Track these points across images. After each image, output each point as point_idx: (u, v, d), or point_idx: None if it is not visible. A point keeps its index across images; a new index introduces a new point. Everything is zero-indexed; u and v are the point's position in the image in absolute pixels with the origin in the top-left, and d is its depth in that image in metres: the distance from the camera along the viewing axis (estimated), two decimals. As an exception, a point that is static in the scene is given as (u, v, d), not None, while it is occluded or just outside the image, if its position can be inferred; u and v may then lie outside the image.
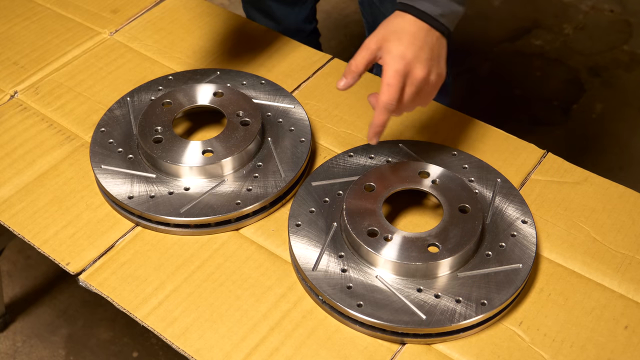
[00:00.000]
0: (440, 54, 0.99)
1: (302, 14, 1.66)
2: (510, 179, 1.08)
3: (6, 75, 1.30)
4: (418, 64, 0.96)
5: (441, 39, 0.99)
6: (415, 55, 0.96)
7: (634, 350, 0.91)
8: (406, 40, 0.96)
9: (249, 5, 1.64)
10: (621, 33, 2.53)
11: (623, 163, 2.12)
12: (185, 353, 0.92)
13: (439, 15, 0.98)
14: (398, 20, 0.98)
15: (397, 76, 0.96)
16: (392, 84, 0.96)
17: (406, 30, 0.97)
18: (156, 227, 1.05)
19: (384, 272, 0.96)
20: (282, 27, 1.62)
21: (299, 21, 1.67)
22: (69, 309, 1.83)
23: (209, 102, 1.16)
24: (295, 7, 1.63)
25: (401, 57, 0.96)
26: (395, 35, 0.97)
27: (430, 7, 0.97)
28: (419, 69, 0.96)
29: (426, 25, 0.98)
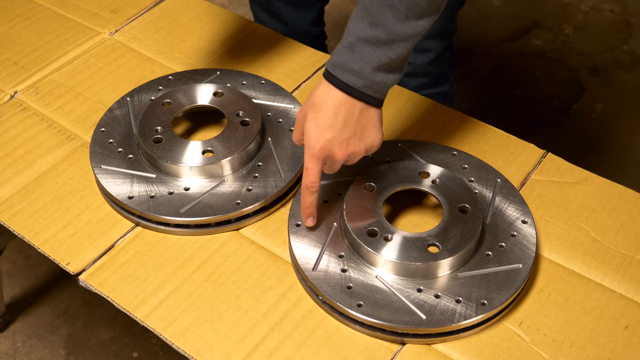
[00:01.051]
0: (365, 126, 0.92)
1: (310, 16, 1.66)
2: (510, 179, 1.08)
3: (6, 75, 1.30)
4: (336, 146, 0.91)
5: (366, 110, 0.92)
6: (333, 137, 0.91)
7: (634, 350, 0.91)
8: (324, 118, 0.90)
9: (257, 6, 1.64)
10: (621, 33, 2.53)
11: (623, 163, 2.12)
12: (185, 353, 0.92)
13: (362, 87, 0.90)
14: (320, 92, 0.91)
15: (314, 160, 0.92)
16: (310, 168, 0.93)
17: (326, 104, 0.90)
18: (156, 227, 1.05)
19: (384, 272, 0.96)
20: (290, 29, 1.62)
21: (307, 23, 1.66)
22: (69, 309, 1.83)
23: (209, 102, 1.16)
24: (303, 10, 1.63)
25: (317, 139, 0.91)
26: (314, 110, 0.91)
27: (352, 79, 0.89)
28: (338, 151, 0.92)
29: (349, 97, 0.90)
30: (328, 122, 0.90)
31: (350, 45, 0.89)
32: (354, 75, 0.89)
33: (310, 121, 0.91)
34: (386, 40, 0.87)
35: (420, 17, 0.87)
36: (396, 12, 0.86)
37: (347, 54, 0.89)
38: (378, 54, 0.88)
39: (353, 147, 0.93)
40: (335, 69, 0.90)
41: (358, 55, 0.88)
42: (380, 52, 0.88)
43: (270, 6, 1.60)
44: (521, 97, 2.32)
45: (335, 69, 0.90)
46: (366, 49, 0.88)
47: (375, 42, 0.87)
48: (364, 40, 0.88)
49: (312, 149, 0.92)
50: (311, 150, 0.92)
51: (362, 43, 0.88)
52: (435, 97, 1.62)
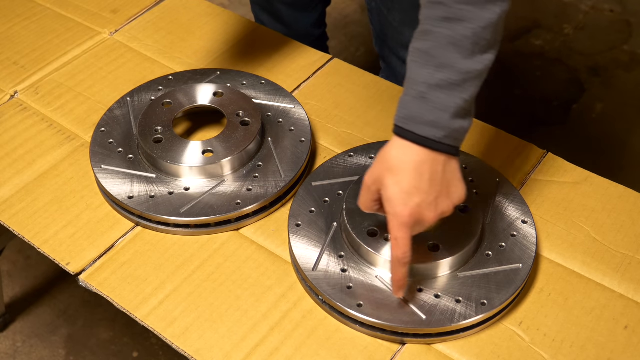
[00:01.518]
0: (451, 181, 0.85)
1: (312, 18, 1.66)
2: (510, 179, 1.08)
3: (6, 75, 1.30)
4: (425, 209, 0.83)
5: (449, 162, 0.84)
6: (421, 200, 0.82)
7: (634, 350, 0.91)
8: (408, 180, 0.82)
9: (258, 8, 1.64)
10: (621, 33, 2.53)
11: (623, 163, 2.12)
12: (185, 353, 0.92)
13: (442, 137, 0.82)
14: (394, 152, 0.83)
15: (404, 229, 0.83)
16: (400, 238, 0.84)
17: (406, 165, 0.82)
18: (156, 227, 1.05)
19: (384, 272, 0.96)
20: (291, 32, 1.62)
21: (309, 25, 1.66)
22: (69, 309, 1.83)
23: (209, 102, 1.16)
24: (305, 12, 1.63)
25: (404, 206, 0.82)
26: (391, 173, 0.83)
27: (431, 131, 0.81)
28: (428, 214, 0.83)
29: (430, 152, 0.82)
30: (413, 184, 0.82)
31: (421, 94, 0.82)
32: (432, 127, 0.81)
33: (391, 187, 0.83)
34: (458, 82, 0.81)
35: (486, 50, 0.81)
36: (462, 50, 0.80)
37: (420, 104, 0.82)
38: (453, 98, 0.81)
39: (442, 206, 0.84)
40: (409, 123, 0.82)
41: (432, 103, 0.81)
42: (454, 95, 0.81)
43: (272, 8, 1.60)
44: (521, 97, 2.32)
45: (408, 123, 0.82)
46: (439, 95, 0.81)
47: (448, 85, 0.81)
48: (435, 86, 0.81)
49: (400, 217, 0.83)
50: (400, 219, 0.83)
51: (434, 89, 0.81)
52: None
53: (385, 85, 1.26)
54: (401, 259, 0.85)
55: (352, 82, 1.26)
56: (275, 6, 1.59)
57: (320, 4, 1.66)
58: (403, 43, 1.49)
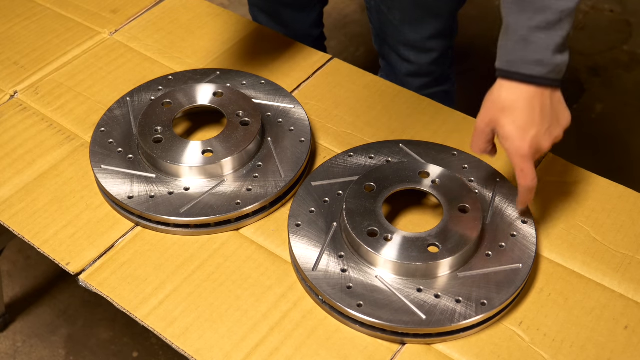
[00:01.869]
0: (558, 109, 0.94)
1: (310, 18, 1.66)
2: (510, 179, 1.08)
3: (6, 75, 1.30)
4: (542, 139, 0.92)
5: (554, 94, 0.93)
6: (537, 132, 0.91)
7: (634, 350, 0.91)
8: (522, 117, 0.91)
9: (256, 9, 1.64)
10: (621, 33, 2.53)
11: (623, 163, 2.12)
12: (185, 353, 0.92)
13: (547, 73, 0.90)
14: (503, 93, 0.92)
15: (527, 160, 0.92)
16: (526, 168, 0.93)
17: (519, 103, 0.91)
18: (156, 227, 1.05)
19: (384, 272, 0.96)
20: (290, 32, 1.62)
21: (307, 26, 1.66)
22: (69, 309, 1.83)
23: (209, 102, 1.16)
24: (303, 12, 1.63)
25: (523, 140, 0.91)
26: (505, 113, 0.91)
27: (536, 69, 0.90)
28: (544, 142, 0.93)
29: (538, 88, 0.91)
30: (527, 120, 0.91)
31: (524, 38, 0.89)
32: (537, 65, 0.90)
33: (507, 125, 0.91)
34: (555, 21, 0.88)
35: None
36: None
37: (523, 47, 0.90)
38: (553, 36, 0.89)
39: (554, 133, 0.94)
40: (515, 65, 0.90)
41: (535, 45, 0.89)
42: (554, 34, 0.89)
43: (270, 9, 1.60)
44: (521, 97, 2.32)
45: (514, 65, 0.90)
46: (541, 35, 0.89)
47: (547, 25, 0.88)
48: (535, 28, 0.89)
49: (521, 150, 0.91)
50: (521, 151, 0.92)
51: (535, 31, 0.89)
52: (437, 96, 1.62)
53: (385, 85, 1.26)
54: (531, 186, 0.95)
55: (352, 82, 1.26)
56: (273, 7, 1.59)
57: (318, 4, 1.66)
58: (403, 41, 1.49)
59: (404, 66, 1.55)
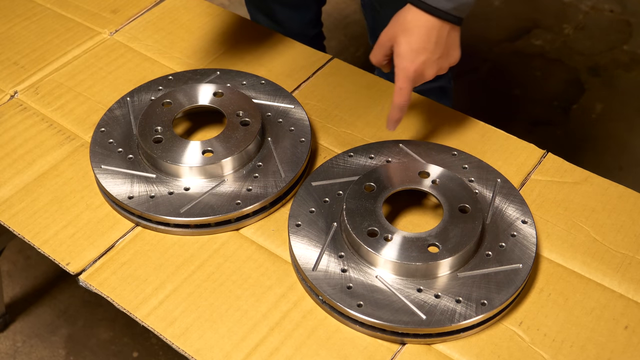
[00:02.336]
0: (451, 46, 1.01)
1: (307, 17, 1.66)
2: (510, 179, 1.08)
3: (6, 75, 1.30)
4: (429, 67, 0.99)
5: (453, 30, 1.00)
6: (426, 58, 0.98)
7: (634, 350, 0.91)
8: (416, 40, 0.97)
9: (253, 7, 1.64)
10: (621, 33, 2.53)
11: (623, 163, 2.12)
12: (185, 353, 0.92)
13: (451, 9, 0.97)
14: (409, 16, 0.98)
15: (408, 81, 0.99)
16: (403, 88, 1.00)
17: (416, 27, 0.97)
18: (156, 227, 1.05)
19: (384, 272, 0.96)
20: (286, 31, 1.62)
21: (303, 25, 1.66)
22: (69, 309, 1.83)
23: (209, 102, 1.16)
24: (299, 11, 1.63)
25: (411, 61, 0.98)
26: (404, 34, 0.98)
27: (442, 2, 0.97)
28: (430, 70, 0.99)
29: (437, 20, 0.98)
30: (422, 45, 0.97)
31: None
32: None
33: (403, 45, 0.98)
34: None
35: None
36: None
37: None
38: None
39: (441, 65, 1.01)
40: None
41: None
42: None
43: (266, 7, 1.60)
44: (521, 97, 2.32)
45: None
46: None
47: None
48: None
49: (406, 70, 0.98)
50: (406, 72, 0.99)
51: None
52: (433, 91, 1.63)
53: (385, 85, 1.26)
54: (402, 106, 1.02)
55: (352, 82, 1.26)
56: (269, 5, 1.59)
57: (315, 3, 1.65)
58: None
59: None
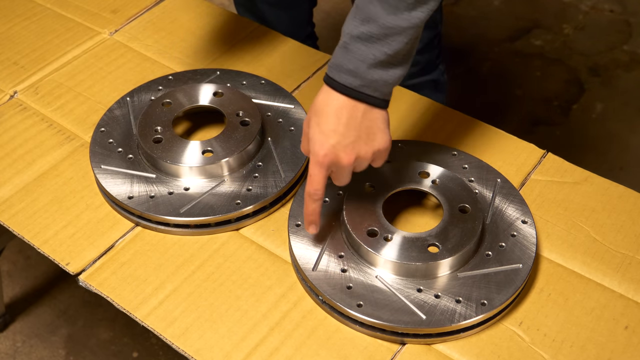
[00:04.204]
0: (370, 129, 0.89)
1: (297, 18, 1.65)
2: (510, 179, 1.08)
3: (6, 75, 1.30)
4: (341, 151, 0.88)
5: (370, 111, 0.88)
6: (337, 142, 0.87)
7: (634, 350, 0.91)
8: (327, 123, 0.87)
9: (242, 9, 1.63)
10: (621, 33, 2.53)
11: (623, 163, 2.12)
12: (185, 353, 0.92)
13: (359, 86, 0.86)
14: (321, 97, 0.89)
15: (318, 167, 0.89)
16: (314, 175, 0.90)
17: (328, 108, 0.87)
18: (156, 227, 1.05)
19: (384, 272, 0.96)
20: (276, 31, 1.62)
21: (293, 25, 1.65)
22: (69, 309, 1.83)
23: (209, 102, 1.16)
24: (288, 11, 1.62)
25: (321, 145, 0.88)
26: (316, 116, 0.89)
27: (349, 79, 0.86)
28: (343, 155, 0.88)
29: (349, 99, 0.87)
30: (331, 127, 0.87)
31: (345, 45, 0.86)
32: (351, 75, 0.86)
33: (313, 127, 0.89)
34: (379, 36, 0.84)
35: (413, 7, 0.84)
36: (386, 5, 0.83)
37: (342, 54, 0.87)
38: (373, 50, 0.85)
39: (359, 150, 0.89)
40: (333, 71, 0.88)
41: (352, 54, 0.86)
42: (374, 47, 0.85)
43: (254, 7, 1.59)
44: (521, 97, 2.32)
45: (332, 71, 0.88)
46: (360, 46, 0.85)
47: (368, 38, 0.84)
48: (356, 38, 0.85)
49: (316, 155, 0.89)
50: (315, 157, 0.89)
51: (355, 41, 0.85)
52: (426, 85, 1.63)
53: (385, 85, 1.26)
54: (312, 194, 0.92)
55: (352, 82, 1.26)
56: (258, 5, 1.58)
57: (305, 3, 1.64)
58: None
59: None
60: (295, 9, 1.63)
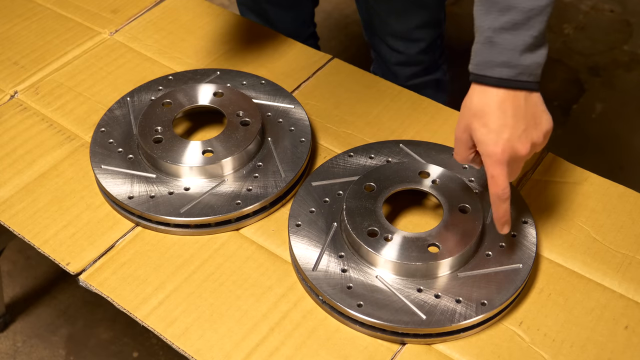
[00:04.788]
0: (535, 113, 0.88)
1: (299, 17, 1.66)
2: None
3: (6, 75, 1.30)
4: (516, 142, 0.87)
5: (529, 97, 0.88)
6: (510, 135, 0.86)
7: (634, 350, 0.91)
8: (494, 120, 0.86)
9: (245, 8, 1.64)
10: (621, 33, 2.53)
11: (623, 163, 2.12)
12: (185, 353, 0.92)
13: (516, 75, 0.86)
14: (476, 98, 0.88)
15: (500, 166, 0.87)
16: (497, 175, 0.87)
17: (489, 107, 0.87)
18: (156, 227, 1.05)
19: (384, 272, 0.96)
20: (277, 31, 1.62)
21: (295, 25, 1.66)
22: (69, 309, 1.83)
23: (209, 102, 1.16)
24: (291, 11, 1.63)
25: (495, 144, 0.86)
26: (478, 119, 0.87)
27: (504, 71, 0.86)
28: (521, 146, 0.87)
29: (508, 91, 0.87)
30: (499, 123, 0.86)
31: (489, 40, 0.86)
32: (505, 67, 0.86)
33: (479, 130, 0.87)
34: (523, 20, 0.84)
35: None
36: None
37: (489, 49, 0.87)
38: (520, 36, 0.85)
39: (532, 137, 0.88)
40: (483, 68, 0.87)
41: (500, 46, 0.86)
42: (521, 34, 0.85)
43: (257, 7, 1.60)
44: (521, 97, 2.32)
45: (482, 69, 0.87)
46: (507, 36, 0.85)
47: (512, 26, 0.85)
48: (500, 29, 0.85)
49: (493, 155, 0.87)
50: (494, 157, 0.87)
51: (500, 32, 0.85)
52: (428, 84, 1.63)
53: (385, 85, 1.26)
54: (501, 195, 0.89)
55: (352, 82, 1.26)
56: (261, 5, 1.59)
57: (307, 3, 1.65)
58: (390, 31, 1.50)
59: (394, 56, 1.55)
60: (298, 8, 1.64)
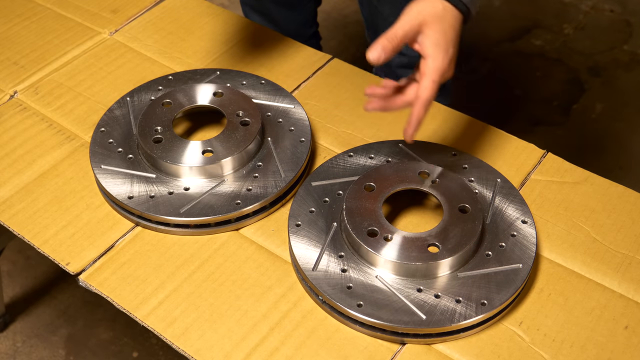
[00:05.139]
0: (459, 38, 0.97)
1: (302, 17, 1.66)
2: (510, 179, 1.08)
3: (6, 75, 1.30)
4: (453, 62, 0.95)
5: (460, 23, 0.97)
6: (454, 54, 0.94)
7: (634, 350, 0.91)
8: (448, 33, 0.93)
9: (248, 8, 1.64)
10: (621, 33, 2.54)
11: (623, 163, 2.12)
12: (185, 353, 0.92)
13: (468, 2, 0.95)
14: (438, 5, 0.94)
15: (440, 73, 0.94)
16: (436, 81, 0.94)
17: (447, 19, 0.93)
18: (156, 227, 1.05)
19: (384, 272, 0.96)
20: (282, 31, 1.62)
21: (299, 24, 1.66)
22: (69, 309, 1.83)
23: (208, 102, 1.16)
24: (294, 10, 1.63)
25: (445, 53, 0.93)
26: (437, 23, 0.93)
27: None
28: (451, 69, 0.96)
29: (457, 12, 0.95)
30: (452, 35, 0.94)
31: None
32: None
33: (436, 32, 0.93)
34: None
35: None
36: None
37: None
38: None
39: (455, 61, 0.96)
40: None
41: None
42: None
43: (261, 7, 1.60)
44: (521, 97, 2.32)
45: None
46: None
47: None
48: None
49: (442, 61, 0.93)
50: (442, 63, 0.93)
51: None
52: None
53: (385, 85, 1.26)
54: (430, 101, 0.95)
55: (352, 82, 1.26)
56: (265, 5, 1.59)
57: (310, 2, 1.65)
58: None
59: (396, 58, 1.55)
60: (301, 8, 1.64)
